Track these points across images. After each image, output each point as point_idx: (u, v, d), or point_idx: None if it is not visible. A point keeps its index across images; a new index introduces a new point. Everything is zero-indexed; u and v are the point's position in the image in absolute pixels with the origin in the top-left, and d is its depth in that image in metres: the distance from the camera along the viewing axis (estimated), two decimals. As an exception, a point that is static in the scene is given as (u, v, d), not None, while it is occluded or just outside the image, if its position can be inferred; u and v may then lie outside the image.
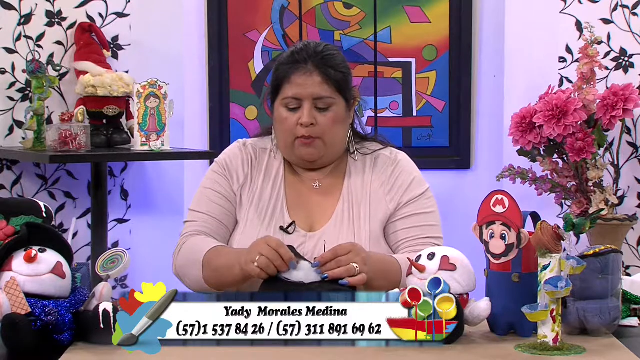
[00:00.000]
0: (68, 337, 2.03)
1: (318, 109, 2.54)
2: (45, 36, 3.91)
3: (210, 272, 2.46)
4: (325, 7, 4.28)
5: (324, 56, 2.55)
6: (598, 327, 2.16)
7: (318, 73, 2.53)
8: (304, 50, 2.56)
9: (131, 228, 4.07)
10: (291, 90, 2.54)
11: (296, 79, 2.54)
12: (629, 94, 3.80)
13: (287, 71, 2.55)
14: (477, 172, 4.33)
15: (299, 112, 2.54)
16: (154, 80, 3.76)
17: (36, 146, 3.73)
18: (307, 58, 2.54)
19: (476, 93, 4.33)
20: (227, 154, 2.68)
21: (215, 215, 2.60)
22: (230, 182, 2.62)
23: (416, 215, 2.58)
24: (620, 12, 4.12)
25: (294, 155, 2.60)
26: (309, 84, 2.53)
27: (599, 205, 3.81)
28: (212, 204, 2.60)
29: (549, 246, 2.02)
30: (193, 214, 2.62)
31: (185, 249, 2.56)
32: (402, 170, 2.63)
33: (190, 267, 2.51)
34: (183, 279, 2.55)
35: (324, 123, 2.54)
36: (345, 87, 2.58)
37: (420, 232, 2.56)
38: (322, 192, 2.63)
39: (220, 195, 2.61)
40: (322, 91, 2.54)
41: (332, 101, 2.55)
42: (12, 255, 2.08)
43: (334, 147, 2.60)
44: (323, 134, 2.55)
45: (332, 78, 2.54)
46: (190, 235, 2.58)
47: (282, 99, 2.56)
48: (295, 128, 2.54)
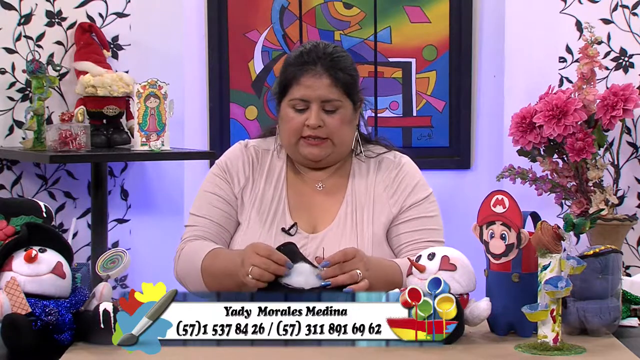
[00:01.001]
0: (68, 337, 2.03)
1: (325, 111, 2.54)
2: (45, 36, 3.91)
3: (210, 279, 2.46)
4: (325, 7, 4.28)
5: (333, 58, 2.55)
6: (598, 327, 2.16)
7: (327, 75, 2.53)
8: (313, 52, 2.55)
9: (131, 228, 4.07)
10: (299, 91, 2.53)
11: (305, 80, 2.53)
12: (629, 94, 3.80)
13: (295, 72, 2.54)
14: (477, 172, 4.33)
15: (306, 113, 2.54)
16: (154, 80, 3.76)
17: (36, 146, 3.73)
18: (317, 60, 2.53)
19: (476, 93, 4.33)
20: (227, 156, 2.67)
21: (216, 220, 2.59)
22: (230, 185, 2.62)
23: (419, 219, 2.58)
24: (620, 12, 4.12)
25: (298, 154, 2.59)
26: (317, 86, 2.53)
27: (599, 205, 3.81)
28: (212, 208, 2.60)
29: (549, 246, 2.02)
30: (193, 218, 2.61)
31: (184, 255, 2.55)
32: (406, 174, 2.63)
33: (190, 274, 2.51)
34: (185, 285, 2.54)
35: (331, 125, 2.54)
36: (353, 90, 2.57)
37: (423, 235, 2.56)
38: (325, 193, 2.62)
39: (220, 198, 2.61)
40: (330, 94, 2.53)
41: (339, 104, 2.55)
42: (12, 255, 2.08)
43: (341, 148, 2.60)
44: (331, 135, 2.55)
45: (341, 81, 2.54)
46: (189, 241, 2.57)
47: (290, 100, 2.55)
48: (302, 128, 2.54)
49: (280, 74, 2.60)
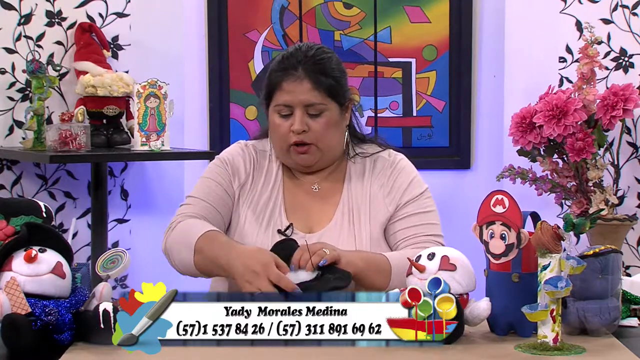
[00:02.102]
0: (68, 337, 2.03)
1: (310, 115, 2.53)
2: (45, 36, 3.91)
3: (201, 259, 2.43)
4: (325, 7, 4.28)
5: (316, 61, 2.53)
6: (598, 327, 2.16)
7: (308, 80, 2.52)
8: (293, 56, 2.54)
9: (131, 228, 4.07)
10: (282, 97, 2.53)
11: (287, 86, 2.52)
12: (629, 94, 3.80)
13: (277, 78, 2.54)
14: (477, 172, 4.33)
15: (291, 119, 2.53)
16: (154, 80, 3.76)
17: (36, 146, 3.73)
18: (297, 64, 2.53)
19: (476, 93, 4.33)
20: (229, 152, 2.67)
21: (213, 203, 2.58)
22: (231, 177, 2.61)
23: (415, 215, 2.58)
24: (620, 12, 4.12)
25: (290, 160, 2.60)
26: (299, 91, 2.52)
27: (599, 205, 3.81)
28: (210, 192, 2.59)
29: (549, 246, 2.02)
30: (190, 199, 2.60)
31: (179, 228, 2.52)
32: (401, 172, 2.62)
33: (180, 248, 2.47)
34: (170, 258, 2.52)
35: (316, 129, 2.53)
36: (338, 92, 2.56)
37: (420, 230, 2.56)
38: (321, 195, 2.62)
39: (219, 185, 2.60)
40: (313, 97, 2.52)
41: (323, 107, 2.54)
42: (12, 255, 2.07)
43: (329, 151, 2.59)
44: (316, 140, 2.54)
45: (323, 84, 2.52)
46: (187, 216, 2.55)
47: (275, 106, 2.55)
48: (288, 135, 2.54)
49: (265, 80, 2.60)
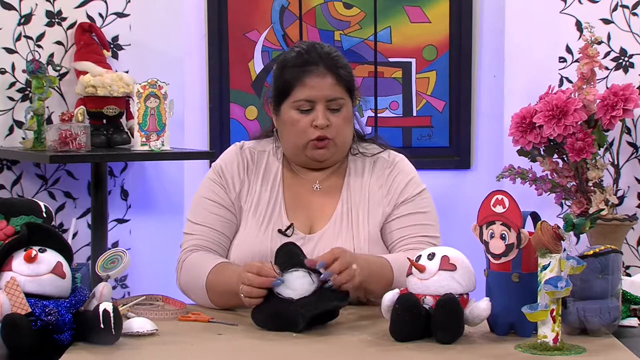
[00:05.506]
0: (68, 337, 2.03)
1: (330, 110, 2.55)
2: (45, 36, 3.91)
3: (215, 296, 2.44)
4: (325, 7, 4.28)
5: (333, 57, 2.56)
6: (598, 327, 2.16)
7: (331, 74, 2.54)
8: (313, 51, 2.56)
9: (131, 228, 4.07)
10: (304, 92, 2.53)
11: (309, 81, 2.53)
12: (629, 94, 3.80)
13: (297, 73, 2.54)
14: (477, 172, 4.33)
15: (312, 114, 2.54)
16: (154, 80, 3.76)
17: (36, 146, 3.73)
18: (318, 59, 2.54)
19: (476, 93, 4.33)
20: (223, 159, 2.66)
21: (214, 226, 2.57)
22: (226, 190, 2.60)
23: (412, 215, 2.58)
24: (620, 12, 4.12)
25: (304, 156, 2.59)
26: (322, 86, 2.53)
27: (599, 205, 3.81)
28: (209, 214, 2.58)
29: (549, 246, 2.02)
30: (191, 226, 2.59)
31: (187, 267, 2.53)
32: (399, 172, 2.63)
33: (194, 288, 2.49)
34: (189, 296, 2.54)
35: (336, 124, 2.55)
36: (354, 88, 2.60)
37: (416, 230, 2.56)
38: (321, 193, 2.62)
39: (217, 204, 2.59)
40: (335, 92, 2.55)
41: (343, 102, 2.56)
42: (12, 255, 2.07)
43: (343, 147, 2.61)
44: (336, 135, 2.56)
45: (343, 79, 2.56)
46: (190, 251, 2.55)
47: (293, 102, 2.55)
48: (308, 130, 2.54)
49: (277, 77, 2.59)
